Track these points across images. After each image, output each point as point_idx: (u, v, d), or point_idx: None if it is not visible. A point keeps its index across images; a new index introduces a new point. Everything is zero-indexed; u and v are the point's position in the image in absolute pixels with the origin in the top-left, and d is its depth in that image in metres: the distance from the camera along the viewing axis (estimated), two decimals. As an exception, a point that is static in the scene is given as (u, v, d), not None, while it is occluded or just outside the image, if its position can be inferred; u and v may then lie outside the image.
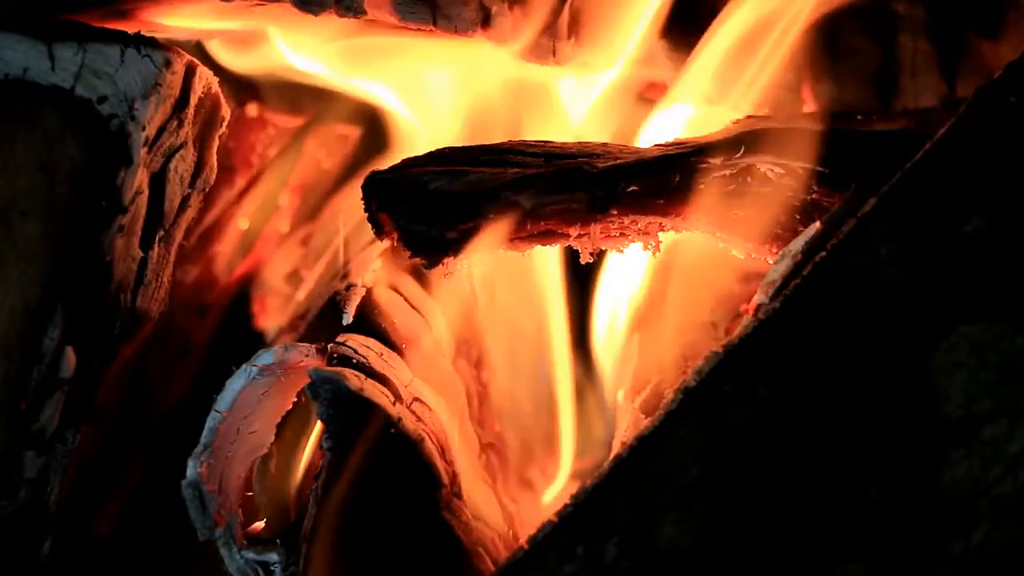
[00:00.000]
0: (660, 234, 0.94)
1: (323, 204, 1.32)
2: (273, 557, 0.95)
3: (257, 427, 0.98)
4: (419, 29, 1.01)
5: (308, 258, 1.27)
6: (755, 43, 1.07)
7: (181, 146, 1.00)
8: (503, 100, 1.15)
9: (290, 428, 0.99)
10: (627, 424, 1.04)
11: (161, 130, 0.98)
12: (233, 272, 1.30)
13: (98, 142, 0.95)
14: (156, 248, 1.00)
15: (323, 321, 1.07)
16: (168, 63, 0.97)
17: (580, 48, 1.08)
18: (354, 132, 1.32)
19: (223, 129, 1.05)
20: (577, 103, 1.15)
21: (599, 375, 1.19)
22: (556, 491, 1.18)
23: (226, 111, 1.05)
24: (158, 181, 0.99)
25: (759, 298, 0.83)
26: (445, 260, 0.89)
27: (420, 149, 0.96)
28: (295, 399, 0.98)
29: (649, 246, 0.95)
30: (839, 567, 0.67)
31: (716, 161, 0.92)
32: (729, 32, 1.05)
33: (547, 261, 1.16)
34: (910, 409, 0.71)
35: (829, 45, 1.08)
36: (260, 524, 0.98)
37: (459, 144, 0.96)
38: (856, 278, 0.75)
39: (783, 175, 0.91)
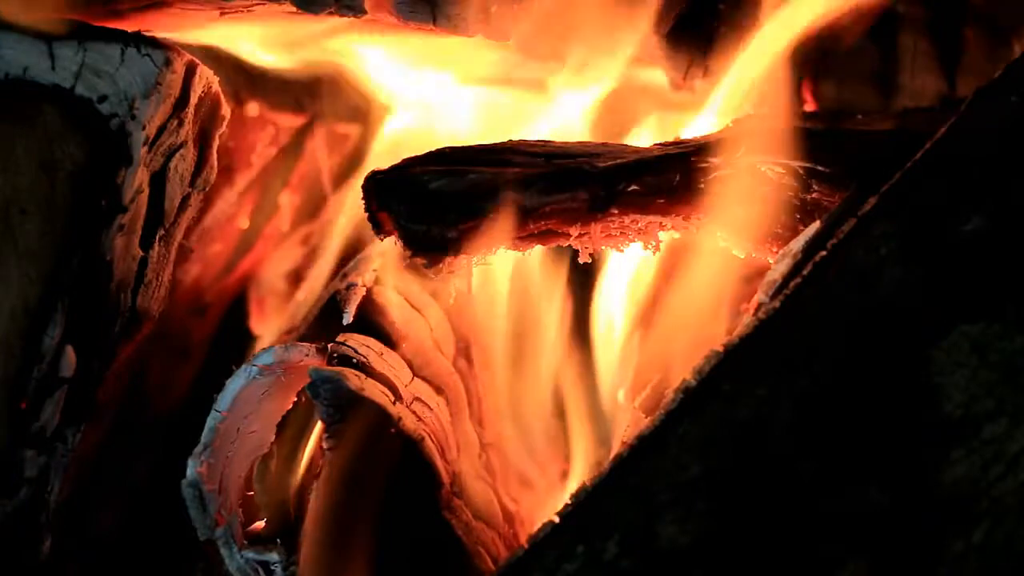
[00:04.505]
0: (660, 234, 0.94)
1: (323, 204, 1.32)
2: (273, 557, 0.95)
3: (257, 427, 0.98)
4: (419, 28, 1.01)
5: (308, 258, 1.27)
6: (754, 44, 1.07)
7: (181, 145, 1.00)
8: (503, 99, 1.16)
9: (290, 428, 0.99)
10: (627, 423, 1.04)
11: (161, 129, 0.98)
12: (233, 272, 1.30)
13: (98, 141, 0.95)
14: (156, 247, 1.00)
15: (323, 321, 1.06)
16: (168, 62, 0.97)
17: (581, 47, 1.08)
18: (354, 131, 1.32)
19: (223, 128, 1.05)
20: (577, 102, 1.15)
21: (599, 375, 1.19)
22: (556, 491, 1.18)
23: (226, 110, 1.05)
24: (158, 180, 0.99)
25: (759, 297, 0.83)
26: (445, 260, 0.89)
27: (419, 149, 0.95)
28: (295, 399, 0.98)
29: (649, 246, 0.95)
30: (839, 566, 0.67)
31: (716, 161, 0.93)
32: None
33: (548, 261, 1.16)
34: (910, 408, 0.71)
35: (829, 45, 1.08)
36: (260, 524, 0.98)
37: (459, 144, 0.96)
38: (856, 277, 0.75)
39: (783, 175, 0.91)
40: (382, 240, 0.92)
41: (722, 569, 0.68)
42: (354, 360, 0.94)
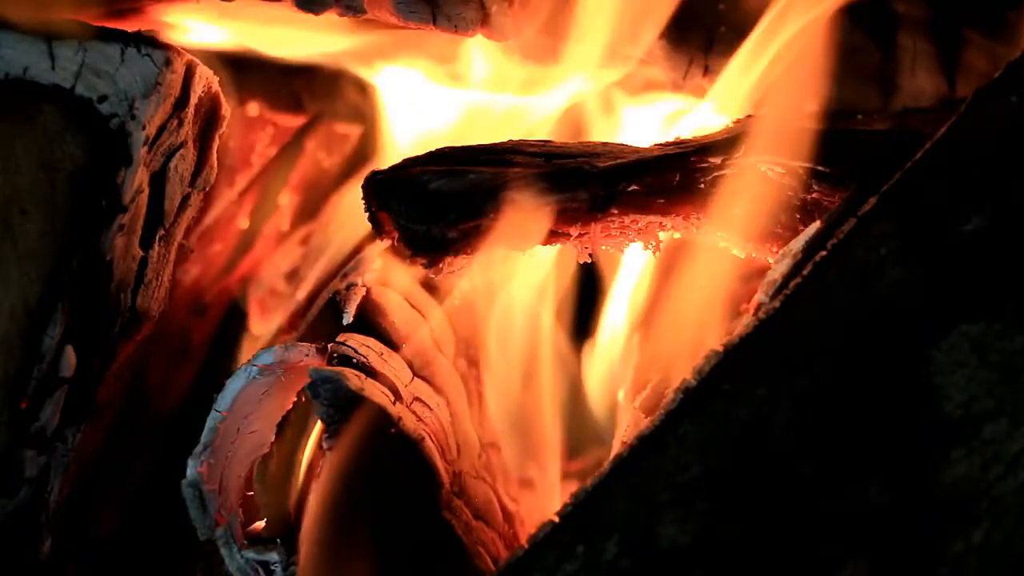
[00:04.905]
0: (660, 234, 0.94)
1: (323, 203, 1.32)
2: (273, 557, 0.95)
3: (257, 427, 0.98)
4: (419, 28, 1.01)
5: (308, 258, 1.27)
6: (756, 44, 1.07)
7: (181, 145, 1.00)
8: (503, 99, 1.16)
9: (290, 428, 0.99)
10: (627, 424, 1.04)
11: (161, 129, 0.98)
12: (233, 272, 1.30)
13: (98, 141, 0.95)
14: (156, 247, 1.00)
15: (323, 321, 1.06)
16: (168, 62, 0.97)
17: (581, 47, 1.08)
18: (354, 131, 1.32)
19: (223, 128, 1.05)
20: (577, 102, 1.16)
21: (599, 374, 1.20)
22: (556, 491, 1.18)
23: (226, 110, 1.05)
24: (158, 180, 0.99)
25: (759, 297, 0.83)
26: (445, 260, 0.89)
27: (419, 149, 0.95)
28: (295, 399, 0.98)
29: (649, 246, 0.95)
30: (839, 566, 0.67)
31: (716, 161, 0.93)
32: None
33: (547, 260, 1.16)
34: (910, 408, 0.71)
35: (829, 45, 1.08)
36: (260, 524, 0.98)
37: (459, 144, 0.96)
38: (856, 277, 0.75)
39: (783, 174, 0.92)
40: (382, 240, 0.92)
41: (722, 569, 0.68)
42: (354, 360, 0.94)
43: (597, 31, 1.08)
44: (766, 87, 1.07)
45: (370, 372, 0.94)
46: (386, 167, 0.92)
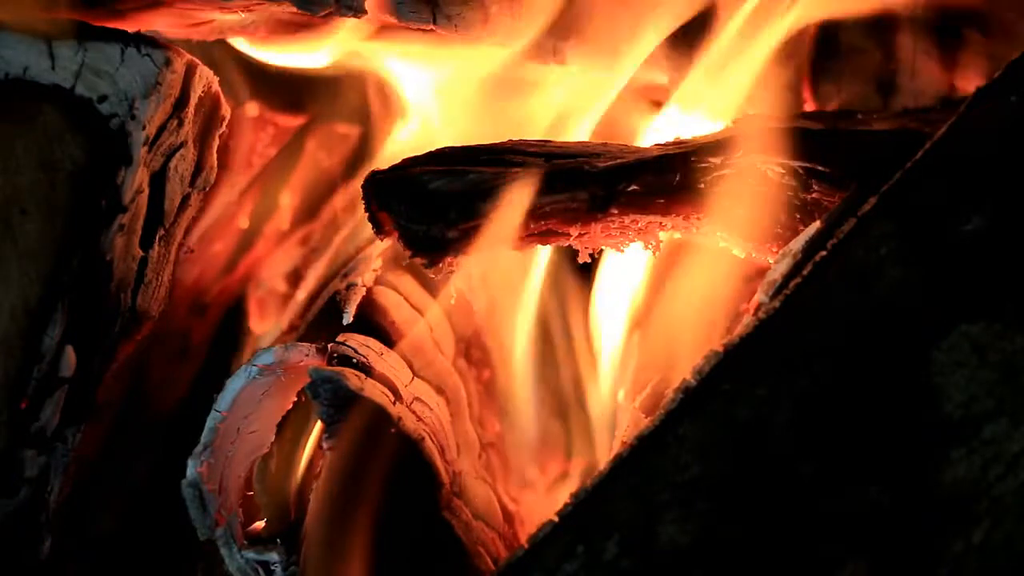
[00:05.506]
0: (660, 234, 0.94)
1: (323, 204, 1.32)
2: (273, 557, 0.95)
3: (257, 427, 0.98)
4: (419, 29, 1.01)
5: (308, 258, 1.27)
6: (753, 43, 1.07)
7: (181, 145, 1.00)
8: (504, 99, 1.15)
9: (290, 428, 0.99)
10: (627, 424, 1.04)
11: (161, 129, 0.98)
12: (233, 272, 1.30)
13: (98, 141, 0.95)
14: (156, 247, 1.00)
15: (323, 321, 1.07)
16: (168, 62, 0.97)
17: (581, 48, 1.08)
18: (354, 131, 1.32)
19: (223, 128, 1.05)
20: (578, 103, 1.15)
21: (599, 375, 1.20)
22: (557, 490, 1.18)
23: (226, 110, 1.05)
24: (158, 180, 0.99)
25: (759, 297, 0.83)
26: (445, 260, 0.89)
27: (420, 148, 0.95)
28: (295, 399, 0.98)
29: (649, 246, 0.95)
30: (839, 566, 0.67)
31: (716, 160, 0.93)
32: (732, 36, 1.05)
33: (547, 260, 1.16)
34: (910, 408, 0.71)
35: (829, 45, 1.08)
36: (260, 524, 0.98)
37: (459, 144, 0.96)
38: (856, 277, 0.75)
39: (783, 174, 0.92)
40: (382, 240, 0.92)
41: (722, 569, 0.68)
42: (354, 360, 0.94)
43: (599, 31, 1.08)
44: (764, 87, 1.07)
45: (370, 372, 0.94)
46: (386, 167, 0.92)
